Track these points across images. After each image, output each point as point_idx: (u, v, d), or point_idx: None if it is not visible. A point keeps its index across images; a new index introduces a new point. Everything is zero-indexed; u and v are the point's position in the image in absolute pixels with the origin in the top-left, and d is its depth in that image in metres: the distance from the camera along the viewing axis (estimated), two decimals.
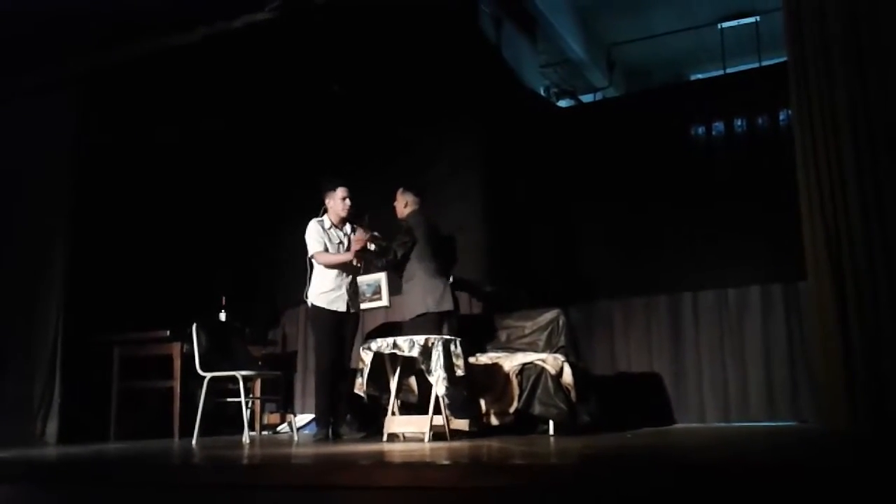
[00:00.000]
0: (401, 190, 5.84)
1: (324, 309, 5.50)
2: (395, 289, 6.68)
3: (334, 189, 5.59)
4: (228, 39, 6.51)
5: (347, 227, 5.69)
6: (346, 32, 6.94)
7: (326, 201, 5.64)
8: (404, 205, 5.79)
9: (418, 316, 5.51)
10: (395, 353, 4.89)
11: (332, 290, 5.52)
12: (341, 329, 5.55)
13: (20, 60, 6.64)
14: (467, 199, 6.73)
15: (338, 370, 5.51)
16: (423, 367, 4.77)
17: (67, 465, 4.15)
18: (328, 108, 7.23)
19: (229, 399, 5.80)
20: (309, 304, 5.59)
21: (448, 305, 5.58)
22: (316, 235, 5.56)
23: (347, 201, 5.60)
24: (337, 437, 5.38)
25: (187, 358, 5.79)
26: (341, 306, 5.53)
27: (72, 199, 6.65)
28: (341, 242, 5.63)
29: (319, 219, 5.63)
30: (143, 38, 6.56)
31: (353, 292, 5.63)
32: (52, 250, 6.59)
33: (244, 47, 6.77)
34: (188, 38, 6.44)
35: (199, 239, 7.23)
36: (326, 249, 5.55)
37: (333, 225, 5.64)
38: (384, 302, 7.12)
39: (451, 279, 5.86)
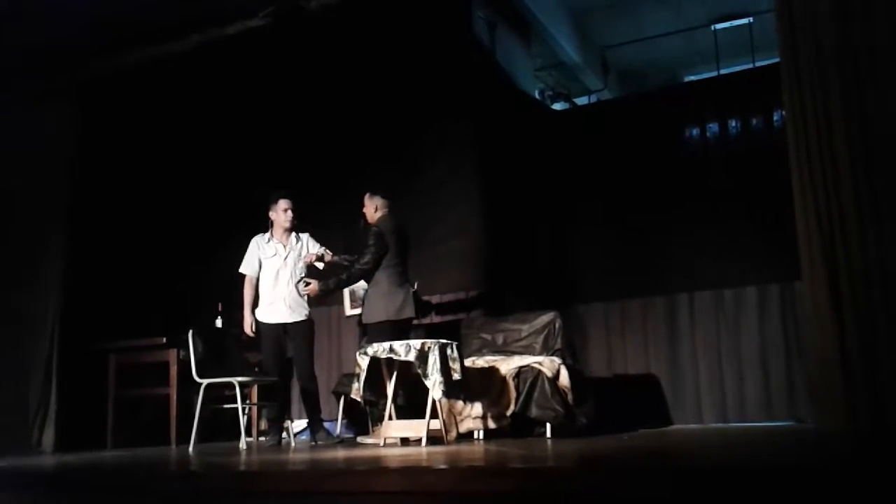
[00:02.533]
0: (368, 195, 5.69)
1: (263, 323, 5.59)
2: None
3: (276, 201, 5.66)
4: (223, 46, 6.52)
5: (293, 238, 5.71)
6: (340, 38, 6.95)
7: (270, 214, 5.70)
8: (374, 209, 5.65)
9: (378, 323, 5.44)
10: (391, 358, 4.89)
11: (271, 303, 5.60)
12: (284, 340, 5.63)
13: (18, 69, 6.64)
14: (463, 203, 6.73)
15: (300, 377, 5.60)
16: (419, 371, 4.76)
17: (64, 473, 4.13)
18: (324, 114, 7.23)
19: (226, 405, 5.79)
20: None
21: (409, 313, 5.51)
22: (248, 254, 5.69)
23: (290, 213, 5.65)
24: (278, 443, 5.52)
25: (184, 365, 5.77)
26: (280, 318, 5.57)
27: (68, 206, 6.66)
28: (276, 254, 5.65)
29: (262, 234, 5.70)
30: (139, 46, 6.57)
31: (295, 301, 5.61)
32: (47, 258, 6.59)
33: (238, 53, 6.78)
34: (182, 46, 6.45)
35: (195, 246, 7.22)
36: (260, 264, 5.64)
37: (272, 238, 5.68)
38: None
39: (415, 286, 5.82)
